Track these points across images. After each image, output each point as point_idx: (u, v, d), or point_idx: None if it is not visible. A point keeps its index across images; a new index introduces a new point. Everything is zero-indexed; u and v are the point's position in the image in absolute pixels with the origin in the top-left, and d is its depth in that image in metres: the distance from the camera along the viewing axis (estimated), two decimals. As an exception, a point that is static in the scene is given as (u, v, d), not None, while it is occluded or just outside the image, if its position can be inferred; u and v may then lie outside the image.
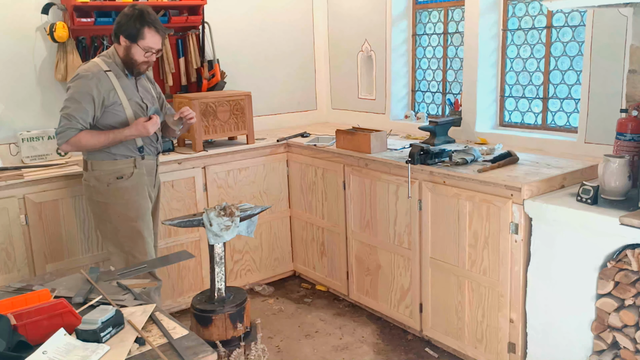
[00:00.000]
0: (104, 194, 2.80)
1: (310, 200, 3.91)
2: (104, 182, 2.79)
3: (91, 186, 2.82)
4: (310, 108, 4.83)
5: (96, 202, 2.83)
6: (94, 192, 2.82)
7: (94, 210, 2.89)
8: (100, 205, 2.83)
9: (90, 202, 2.88)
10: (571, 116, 3.34)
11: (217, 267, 2.64)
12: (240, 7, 4.30)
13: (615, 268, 2.26)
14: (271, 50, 4.51)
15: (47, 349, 1.51)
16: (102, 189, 2.79)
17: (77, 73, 2.74)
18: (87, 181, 2.84)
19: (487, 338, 2.86)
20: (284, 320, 3.61)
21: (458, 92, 3.93)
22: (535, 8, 3.42)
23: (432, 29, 4.07)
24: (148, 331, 1.70)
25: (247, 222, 2.77)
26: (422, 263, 3.13)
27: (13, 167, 3.27)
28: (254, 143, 3.88)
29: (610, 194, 2.42)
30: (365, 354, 3.20)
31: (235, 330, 2.56)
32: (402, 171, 3.11)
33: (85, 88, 2.67)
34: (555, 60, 3.37)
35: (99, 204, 2.83)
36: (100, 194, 2.80)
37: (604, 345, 2.33)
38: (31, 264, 3.10)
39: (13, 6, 3.41)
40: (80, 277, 2.09)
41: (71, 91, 2.71)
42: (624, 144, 2.55)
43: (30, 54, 3.50)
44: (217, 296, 2.64)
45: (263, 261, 4.03)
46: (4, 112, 3.42)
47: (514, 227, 2.62)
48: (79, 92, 2.68)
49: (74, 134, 2.67)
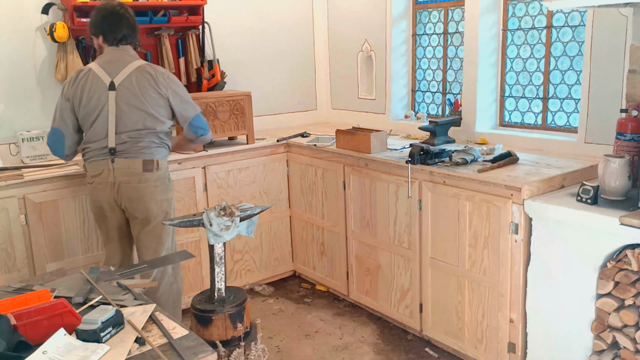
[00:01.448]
0: (168, 191, 2.90)
1: (310, 200, 3.91)
2: (167, 179, 2.90)
3: (158, 185, 2.82)
4: (310, 108, 4.83)
5: (163, 201, 2.85)
6: (161, 191, 2.84)
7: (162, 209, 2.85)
8: (165, 203, 2.87)
9: (157, 202, 2.82)
10: (571, 116, 3.34)
11: (217, 267, 2.63)
12: (240, 7, 4.30)
13: (615, 268, 2.27)
14: (271, 50, 4.51)
15: (47, 349, 1.51)
16: (166, 187, 2.88)
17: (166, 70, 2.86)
18: (152, 182, 2.80)
19: (487, 338, 2.86)
20: (284, 320, 3.61)
21: (458, 92, 3.93)
22: (535, 8, 3.42)
23: (432, 29, 4.07)
24: (148, 331, 1.70)
25: (247, 222, 2.76)
26: (422, 263, 3.13)
27: (13, 167, 3.27)
28: (254, 143, 3.88)
29: (610, 194, 2.42)
30: (365, 354, 3.20)
31: (235, 330, 2.56)
32: (402, 171, 3.11)
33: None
34: (555, 60, 3.37)
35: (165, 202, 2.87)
36: (165, 192, 2.87)
37: (604, 345, 2.33)
38: (31, 264, 3.10)
39: (13, 6, 3.41)
40: (80, 277, 2.09)
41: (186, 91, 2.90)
42: (624, 144, 2.55)
43: (30, 54, 3.50)
44: (217, 296, 2.63)
45: (263, 261, 4.03)
46: (4, 112, 3.43)
47: (514, 227, 2.62)
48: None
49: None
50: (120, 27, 2.78)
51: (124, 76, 2.73)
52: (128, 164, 2.75)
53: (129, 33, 2.82)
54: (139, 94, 2.73)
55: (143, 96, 2.73)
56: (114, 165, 2.74)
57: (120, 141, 2.73)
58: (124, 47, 2.82)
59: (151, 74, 2.76)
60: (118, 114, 2.72)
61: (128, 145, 2.74)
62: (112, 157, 2.74)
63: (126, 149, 2.74)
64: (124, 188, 2.77)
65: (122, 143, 2.73)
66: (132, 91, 2.72)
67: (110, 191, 2.78)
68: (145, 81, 2.74)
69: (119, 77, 2.73)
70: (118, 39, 2.79)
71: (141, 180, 2.76)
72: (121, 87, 2.72)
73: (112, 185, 2.77)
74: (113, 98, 2.72)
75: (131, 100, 2.72)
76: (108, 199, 2.80)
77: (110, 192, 2.79)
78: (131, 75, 2.73)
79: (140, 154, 2.76)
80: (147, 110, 2.75)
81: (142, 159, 2.75)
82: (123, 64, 2.77)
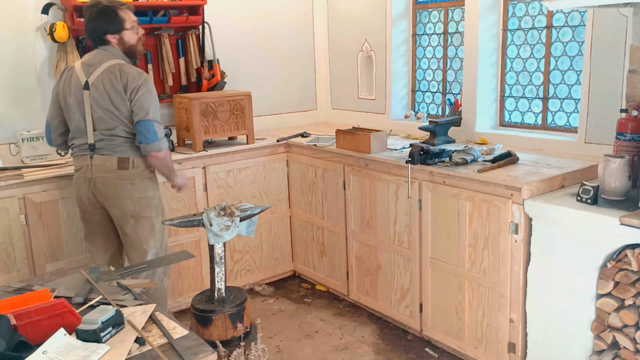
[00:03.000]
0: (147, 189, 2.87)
1: (310, 200, 3.91)
2: (147, 178, 2.87)
3: (135, 183, 2.81)
4: (310, 108, 4.83)
5: (141, 199, 2.84)
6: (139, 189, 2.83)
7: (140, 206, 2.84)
8: (143, 201, 2.85)
9: (133, 200, 2.82)
10: (571, 116, 3.34)
11: (217, 267, 2.63)
12: (240, 7, 4.30)
13: (615, 268, 2.26)
14: (271, 50, 4.51)
15: (47, 349, 1.51)
16: (145, 185, 2.86)
17: (140, 74, 2.75)
18: (127, 179, 2.80)
19: (487, 338, 2.86)
20: (284, 320, 3.61)
21: (458, 92, 3.93)
22: (535, 8, 3.42)
23: (432, 29, 4.07)
24: (148, 331, 1.70)
25: (247, 222, 2.77)
26: (422, 263, 3.13)
27: (13, 167, 3.27)
28: (254, 143, 3.88)
29: (610, 194, 2.42)
30: (365, 354, 3.20)
31: (235, 330, 2.56)
32: (402, 171, 3.11)
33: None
34: (555, 60, 3.37)
35: (143, 200, 2.85)
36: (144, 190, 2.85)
37: (604, 345, 2.33)
38: (31, 264, 3.10)
39: (13, 6, 3.41)
40: (80, 277, 2.09)
41: (153, 96, 2.76)
42: (624, 144, 2.55)
43: (30, 54, 3.50)
44: (217, 296, 2.64)
45: (263, 261, 4.03)
46: (4, 112, 3.42)
47: (514, 227, 2.62)
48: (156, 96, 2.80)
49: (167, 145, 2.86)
50: (87, 23, 2.78)
51: (96, 76, 2.74)
52: (104, 161, 2.77)
53: (99, 25, 2.77)
54: (106, 94, 2.73)
55: (109, 96, 2.73)
56: (92, 162, 2.77)
57: (98, 138, 2.76)
58: (105, 47, 2.81)
59: (116, 75, 2.73)
60: (93, 112, 2.75)
61: (104, 143, 2.77)
62: (91, 154, 2.77)
63: (103, 146, 2.77)
64: (99, 184, 2.79)
65: (100, 140, 2.76)
66: (100, 91, 2.73)
67: (88, 187, 2.81)
68: (110, 81, 2.72)
69: (92, 76, 2.74)
70: (94, 38, 2.80)
71: (116, 177, 2.78)
72: (93, 87, 2.73)
73: (89, 181, 2.80)
74: (87, 97, 2.74)
75: (100, 100, 2.73)
76: (87, 194, 2.83)
77: (88, 188, 2.82)
78: (101, 75, 2.73)
79: (115, 152, 2.77)
80: (112, 110, 2.74)
81: (117, 157, 2.77)
82: (99, 63, 2.76)
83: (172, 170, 2.93)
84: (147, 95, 2.74)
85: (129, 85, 2.71)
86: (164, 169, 2.88)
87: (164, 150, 2.80)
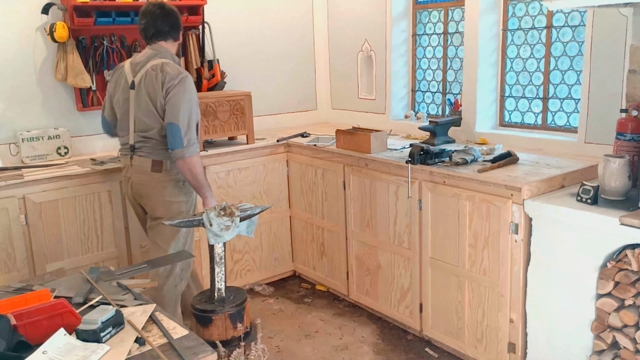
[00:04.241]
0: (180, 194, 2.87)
1: (310, 200, 3.91)
2: (182, 181, 2.85)
3: (166, 187, 2.82)
4: (310, 108, 4.83)
5: (172, 203, 2.84)
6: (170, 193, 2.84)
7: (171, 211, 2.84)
8: (175, 205, 2.85)
9: (164, 202, 2.83)
10: (571, 116, 3.34)
11: (217, 267, 2.63)
12: (240, 7, 4.30)
13: (615, 268, 2.26)
14: (271, 50, 4.51)
15: (47, 349, 1.51)
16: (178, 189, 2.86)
17: (179, 73, 2.70)
18: (160, 182, 2.81)
19: (487, 338, 2.86)
20: (284, 320, 3.61)
21: (458, 92, 3.93)
22: (535, 8, 3.42)
23: (432, 29, 4.07)
24: (148, 331, 1.70)
25: (247, 222, 2.76)
26: (422, 263, 3.13)
27: (13, 167, 3.27)
28: (254, 143, 3.88)
29: (610, 194, 2.42)
30: (365, 354, 3.20)
31: (235, 330, 2.56)
32: (402, 171, 3.11)
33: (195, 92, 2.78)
34: (555, 60, 3.37)
35: (175, 204, 2.85)
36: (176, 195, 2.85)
37: (604, 345, 2.33)
38: (31, 264, 3.10)
39: (13, 6, 3.41)
40: (80, 277, 2.09)
41: (187, 97, 2.69)
42: (624, 144, 2.55)
43: (30, 54, 3.50)
44: (217, 296, 2.63)
45: (263, 261, 4.03)
46: (4, 112, 3.43)
47: (514, 227, 2.62)
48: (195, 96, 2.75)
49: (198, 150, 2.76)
50: (149, 25, 2.79)
51: (141, 75, 2.76)
52: (141, 162, 2.81)
53: (162, 30, 2.80)
54: (146, 93, 2.73)
55: (149, 95, 2.73)
56: (131, 162, 2.84)
57: (137, 140, 2.81)
58: (156, 45, 2.82)
59: (157, 73, 2.72)
60: (135, 113, 2.78)
61: (142, 145, 2.81)
62: (131, 154, 2.84)
63: (141, 147, 2.81)
64: (135, 184, 2.86)
65: (139, 142, 2.81)
66: (142, 90, 2.74)
67: (127, 186, 2.91)
68: (151, 80, 2.72)
69: (138, 76, 2.77)
70: (149, 37, 2.82)
71: (150, 179, 2.81)
72: (137, 87, 2.76)
73: (128, 180, 2.89)
74: (133, 97, 2.77)
75: (142, 100, 2.75)
76: (127, 192, 2.95)
77: (127, 187, 2.92)
78: (145, 74, 2.75)
79: (150, 154, 2.80)
80: (151, 109, 2.74)
81: (152, 159, 2.79)
82: (145, 62, 2.78)
83: (203, 183, 2.80)
84: (180, 96, 2.68)
85: (165, 84, 2.68)
86: (192, 181, 2.77)
87: (188, 158, 2.68)
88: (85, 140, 3.72)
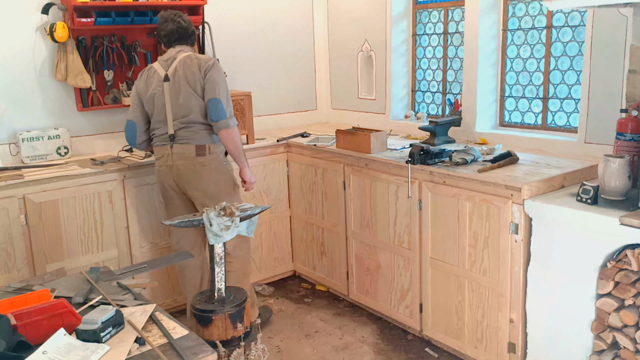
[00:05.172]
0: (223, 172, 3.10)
1: (310, 200, 3.91)
2: (224, 161, 3.11)
3: (213, 168, 3.04)
4: (310, 108, 4.83)
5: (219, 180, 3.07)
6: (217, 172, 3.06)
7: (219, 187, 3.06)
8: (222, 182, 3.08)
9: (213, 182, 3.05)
10: (571, 116, 3.34)
11: (217, 267, 2.63)
12: (240, 7, 4.30)
13: (615, 268, 2.27)
14: (271, 50, 4.51)
15: (47, 349, 1.51)
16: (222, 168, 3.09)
17: (210, 58, 3.04)
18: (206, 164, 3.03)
19: (487, 338, 2.86)
20: (284, 320, 3.61)
21: (458, 92, 3.93)
22: (535, 8, 3.42)
23: (432, 29, 4.07)
24: (148, 331, 1.70)
25: (247, 222, 2.76)
26: (422, 263, 3.13)
27: (13, 167, 3.27)
28: (254, 143, 3.88)
29: (610, 194, 2.42)
30: (365, 354, 3.20)
31: (235, 330, 2.56)
32: (402, 171, 3.11)
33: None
34: (555, 60, 3.37)
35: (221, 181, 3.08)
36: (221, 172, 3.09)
37: (604, 345, 2.33)
38: (31, 264, 3.10)
39: (13, 6, 3.41)
40: (80, 277, 2.09)
41: (221, 77, 3.01)
42: (624, 144, 2.55)
43: (30, 54, 3.50)
44: (217, 296, 2.63)
45: (263, 261, 4.03)
46: (4, 112, 3.42)
47: (514, 227, 2.62)
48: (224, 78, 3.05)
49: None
50: (173, 31, 3.05)
51: (174, 68, 2.99)
52: (183, 149, 3.01)
53: (182, 36, 3.08)
54: (184, 78, 2.97)
55: (187, 79, 2.97)
56: (172, 150, 3.02)
57: (177, 127, 3.01)
58: (179, 47, 3.08)
59: (192, 60, 2.99)
60: (172, 103, 2.99)
61: (183, 132, 3.01)
62: (171, 143, 3.02)
63: (182, 135, 3.01)
64: (181, 170, 3.03)
65: (179, 129, 3.01)
66: (179, 79, 2.98)
67: (170, 173, 3.05)
68: (188, 66, 2.97)
69: (171, 68, 3.00)
70: (172, 41, 3.08)
71: (195, 163, 3.01)
72: (173, 78, 2.99)
73: (170, 168, 3.04)
74: (167, 89, 2.99)
75: (180, 87, 2.97)
76: (169, 181, 3.07)
77: (170, 175, 3.05)
78: (178, 65, 2.99)
79: (192, 139, 3.00)
80: (190, 92, 2.97)
81: (194, 145, 3.00)
82: (174, 57, 3.04)
83: (241, 152, 3.11)
84: (216, 76, 2.99)
85: (202, 66, 2.98)
86: (234, 149, 3.06)
87: (232, 127, 3.00)
88: (85, 140, 3.72)
